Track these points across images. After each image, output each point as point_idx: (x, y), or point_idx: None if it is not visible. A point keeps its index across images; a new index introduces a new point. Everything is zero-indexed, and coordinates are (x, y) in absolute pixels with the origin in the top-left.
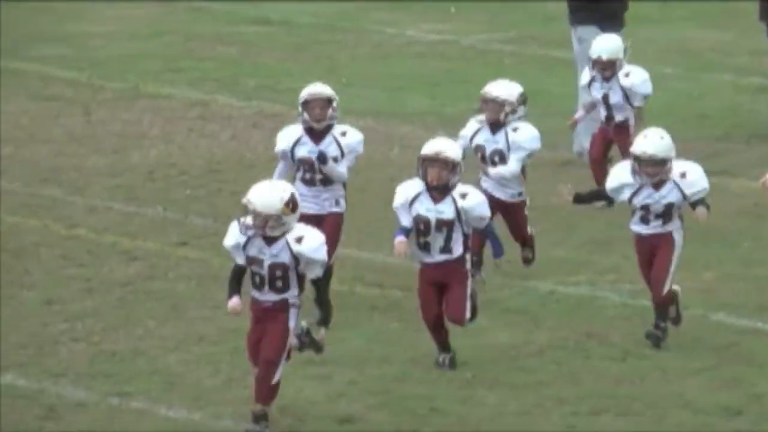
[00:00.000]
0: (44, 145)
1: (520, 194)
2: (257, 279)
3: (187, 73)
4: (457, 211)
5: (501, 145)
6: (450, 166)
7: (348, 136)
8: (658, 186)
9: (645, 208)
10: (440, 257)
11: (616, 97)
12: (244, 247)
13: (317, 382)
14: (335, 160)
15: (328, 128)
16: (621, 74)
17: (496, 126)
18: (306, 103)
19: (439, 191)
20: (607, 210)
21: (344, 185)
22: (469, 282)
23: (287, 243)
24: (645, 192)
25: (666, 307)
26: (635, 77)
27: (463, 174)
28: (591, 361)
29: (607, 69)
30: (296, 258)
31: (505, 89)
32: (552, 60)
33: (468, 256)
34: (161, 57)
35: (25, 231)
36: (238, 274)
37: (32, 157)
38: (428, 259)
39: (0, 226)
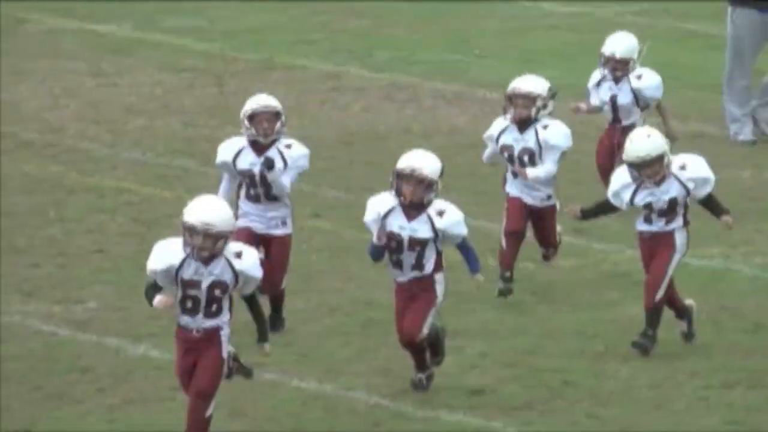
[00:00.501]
0: (177, 117)
1: (549, 197)
2: (190, 303)
3: (320, 45)
4: (434, 230)
5: (531, 143)
6: (426, 183)
7: (293, 149)
8: (659, 182)
9: (648, 206)
10: (411, 273)
11: (624, 100)
12: (178, 270)
13: (449, 353)
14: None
15: (273, 141)
16: (632, 76)
17: (524, 124)
18: (252, 117)
19: (414, 207)
20: (740, 182)
21: (290, 204)
22: (437, 302)
23: (227, 260)
24: (645, 190)
25: (657, 313)
26: (647, 80)
27: (443, 186)
28: (723, 333)
29: (618, 68)
30: (237, 276)
31: (535, 84)
32: (685, 32)
33: (439, 276)
34: (294, 29)
35: (159, 202)
36: (155, 287)
37: (165, 128)
38: (401, 278)
39: (134, 197)
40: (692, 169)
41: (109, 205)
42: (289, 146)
